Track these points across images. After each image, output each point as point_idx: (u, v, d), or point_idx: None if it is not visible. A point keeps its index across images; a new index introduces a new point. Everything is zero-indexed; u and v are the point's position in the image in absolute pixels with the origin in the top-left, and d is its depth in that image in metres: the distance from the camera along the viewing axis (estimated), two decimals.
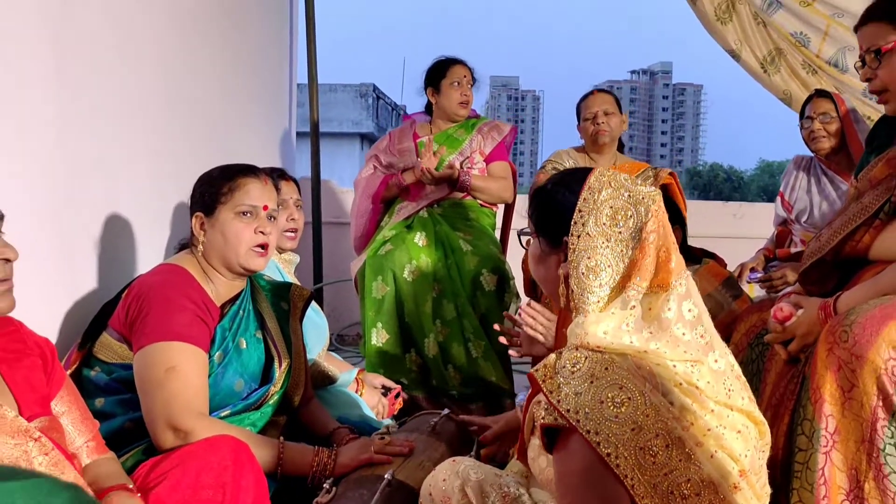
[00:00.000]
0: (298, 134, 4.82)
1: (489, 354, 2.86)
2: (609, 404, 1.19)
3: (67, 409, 1.36)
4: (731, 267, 3.15)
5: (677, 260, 1.33)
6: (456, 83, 3.23)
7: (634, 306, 1.29)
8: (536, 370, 1.27)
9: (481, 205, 3.27)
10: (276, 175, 2.41)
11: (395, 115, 22.81)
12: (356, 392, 2.42)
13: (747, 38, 4.34)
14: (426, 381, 2.92)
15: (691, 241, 3.87)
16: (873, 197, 1.77)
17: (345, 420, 2.10)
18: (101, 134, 2.11)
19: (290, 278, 2.41)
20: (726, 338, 2.00)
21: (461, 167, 3.18)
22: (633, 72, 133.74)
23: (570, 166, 3.29)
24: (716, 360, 1.30)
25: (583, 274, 1.32)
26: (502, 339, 2.02)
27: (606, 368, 1.23)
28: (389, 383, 2.63)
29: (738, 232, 4.45)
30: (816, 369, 1.52)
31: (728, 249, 3.61)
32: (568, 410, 1.20)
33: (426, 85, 3.36)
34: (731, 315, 2.14)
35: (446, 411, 1.94)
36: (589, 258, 1.32)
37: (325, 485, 1.55)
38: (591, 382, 1.21)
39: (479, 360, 2.86)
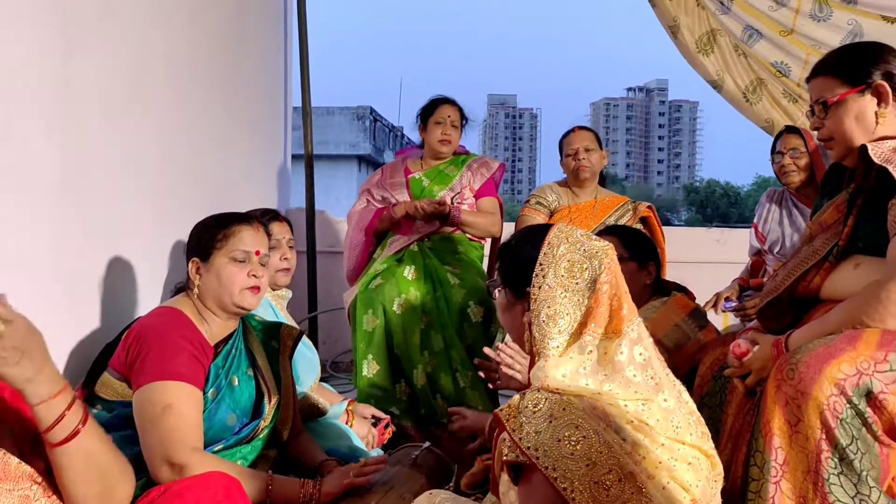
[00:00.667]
0: (295, 156, 4.93)
1: (476, 384, 2.97)
2: (566, 442, 1.31)
3: None
4: (711, 293, 3.28)
5: (629, 307, 1.46)
6: (439, 122, 3.37)
7: (591, 351, 1.42)
8: (501, 410, 1.40)
9: (470, 238, 3.39)
10: (270, 217, 2.54)
11: (392, 137, 23.01)
12: (346, 423, 2.52)
13: (728, 68, 4.47)
14: (415, 410, 3.03)
15: (676, 266, 4.00)
16: (823, 240, 1.90)
17: (334, 451, 2.21)
18: (103, 178, 2.24)
19: (283, 313, 2.53)
20: (693, 368, 2.14)
21: (451, 202, 3.31)
22: (629, 89, 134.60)
23: (553, 200, 3.43)
24: (665, 400, 1.42)
25: (543, 322, 1.44)
26: (482, 374, 2.15)
27: (564, 409, 1.35)
28: (379, 414, 2.73)
29: (721, 257, 4.57)
30: (766, 404, 1.64)
31: (712, 274, 3.74)
32: (528, 448, 1.32)
33: (418, 122, 3.52)
34: (696, 345, 2.27)
35: (427, 444, 2.06)
36: (549, 307, 1.45)
37: None
38: (550, 422, 1.33)
39: (467, 390, 2.98)
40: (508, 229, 3.59)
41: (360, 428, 2.53)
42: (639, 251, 2.47)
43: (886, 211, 1.72)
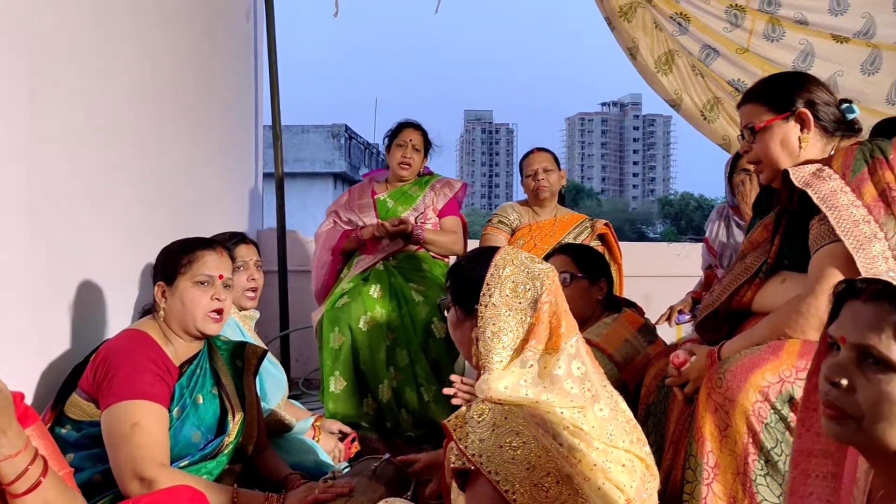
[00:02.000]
0: (268, 175, 4.99)
1: (440, 398, 3.07)
2: (507, 448, 1.42)
3: (37, 444, 1.50)
4: (665, 306, 3.41)
5: (567, 325, 1.58)
6: (400, 145, 3.50)
7: (532, 365, 1.54)
8: (449, 421, 1.51)
9: (433, 256, 3.51)
10: (237, 240, 2.63)
11: (367, 155, 23.11)
12: (313, 438, 2.61)
13: (686, 87, 4.58)
14: (381, 425, 3.13)
15: (639, 281, 4.13)
16: (754, 258, 2.04)
17: (300, 466, 2.30)
18: (70, 203, 2.30)
19: (250, 334, 2.62)
20: (642, 380, 2.25)
21: (415, 222, 3.43)
22: (603, 104, 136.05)
23: (515, 219, 3.55)
24: (600, 409, 1.54)
25: (489, 338, 1.56)
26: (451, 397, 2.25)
27: (506, 417, 1.46)
28: (346, 429, 2.82)
29: (682, 271, 4.69)
30: (699, 411, 1.76)
31: (673, 288, 3.86)
32: (473, 455, 1.43)
33: (384, 143, 3.65)
34: (645, 358, 2.38)
35: (387, 456, 2.15)
36: (494, 325, 1.56)
37: None
38: (493, 430, 1.45)
39: (431, 404, 3.08)
40: (475, 246, 3.71)
41: (326, 443, 2.61)
42: (590, 268, 2.59)
43: (808, 230, 1.86)
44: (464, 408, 1.53)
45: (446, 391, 1.93)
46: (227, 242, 2.32)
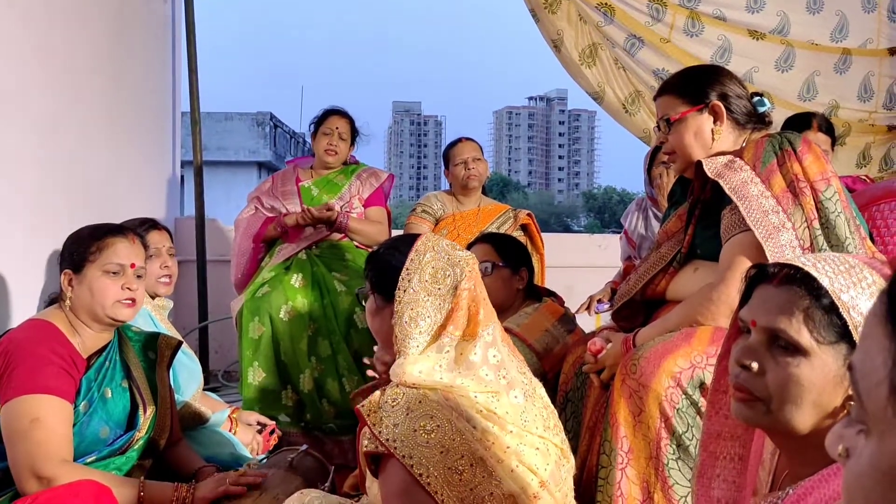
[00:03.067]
0: (187, 163, 4.84)
1: None
2: (421, 432, 1.42)
3: None
4: (587, 296, 3.47)
5: (486, 313, 1.57)
6: (326, 133, 3.44)
7: (448, 351, 1.53)
8: (363, 406, 1.49)
9: (357, 246, 3.46)
10: (148, 226, 2.53)
11: (293, 144, 22.75)
12: (230, 431, 2.54)
13: (609, 80, 4.65)
14: (301, 416, 3.07)
15: (561, 271, 4.18)
16: (668, 247, 2.08)
17: (215, 459, 2.23)
18: None
19: (163, 324, 2.53)
20: (560, 369, 2.28)
21: (340, 210, 3.38)
22: (530, 98, 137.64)
23: (439, 208, 3.55)
24: (515, 396, 1.55)
25: (406, 322, 1.54)
26: (370, 373, 2.22)
27: (420, 402, 1.45)
28: (264, 420, 2.76)
29: (602, 262, 4.80)
30: (613, 397, 1.79)
31: (593, 277, 3.95)
32: (387, 439, 1.42)
33: (311, 130, 3.58)
34: (565, 348, 2.41)
35: (304, 447, 2.11)
36: (412, 309, 1.54)
37: None
38: (407, 414, 1.44)
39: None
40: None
41: (244, 435, 2.55)
42: (512, 257, 2.61)
43: (720, 220, 1.91)
44: (377, 393, 1.51)
45: (366, 360, 1.91)
46: (139, 229, 2.23)
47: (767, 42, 4.15)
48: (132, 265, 1.96)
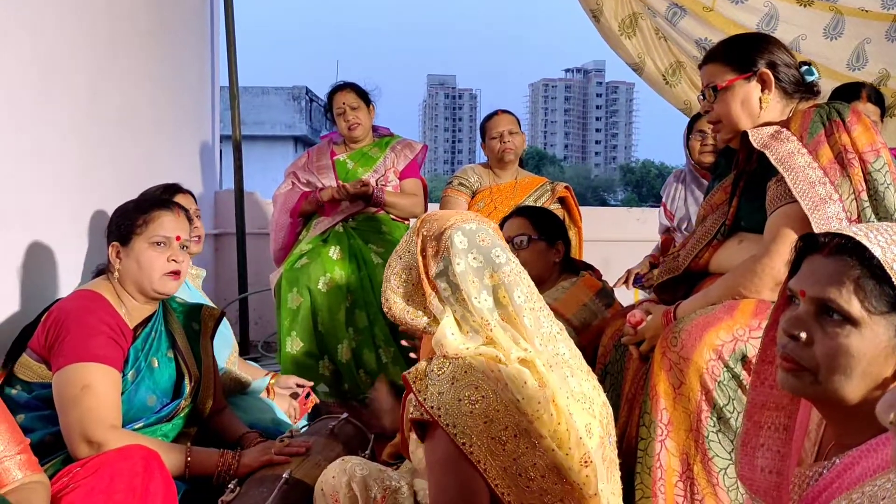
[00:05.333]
0: (226, 137, 4.89)
1: (398, 359, 3.08)
2: (466, 402, 1.43)
3: None
4: (624, 270, 3.44)
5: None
6: (338, 112, 3.44)
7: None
8: (409, 373, 1.51)
9: (394, 219, 3.48)
10: (173, 191, 2.56)
11: (327, 133, 22.85)
12: (269, 398, 2.59)
13: (649, 50, 4.56)
14: (338, 387, 3.12)
15: (599, 245, 4.15)
16: (713, 220, 2.06)
17: (257, 425, 2.28)
18: (20, 156, 2.24)
19: (199, 291, 2.57)
20: (598, 343, 2.27)
21: (375, 184, 3.39)
22: (567, 70, 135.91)
23: (475, 181, 3.54)
24: (559, 365, 1.55)
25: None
26: (405, 343, 2.25)
27: (465, 372, 1.46)
28: (302, 381, 2.76)
29: (640, 236, 4.76)
30: (653, 369, 1.79)
31: (631, 251, 3.92)
32: (432, 407, 1.43)
33: (329, 118, 3.58)
34: (604, 322, 2.39)
35: (345, 415, 2.15)
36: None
37: (229, 485, 1.74)
38: (452, 384, 1.45)
39: (389, 365, 3.08)
40: (435, 209, 3.69)
41: (281, 402, 2.59)
42: (548, 230, 2.59)
43: (765, 192, 1.87)
44: (424, 362, 1.53)
45: (405, 342, 1.93)
46: (164, 194, 2.27)
47: (816, 9, 4.02)
48: (177, 237, 1.99)
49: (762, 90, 1.95)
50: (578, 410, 1.53)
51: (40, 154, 2.38)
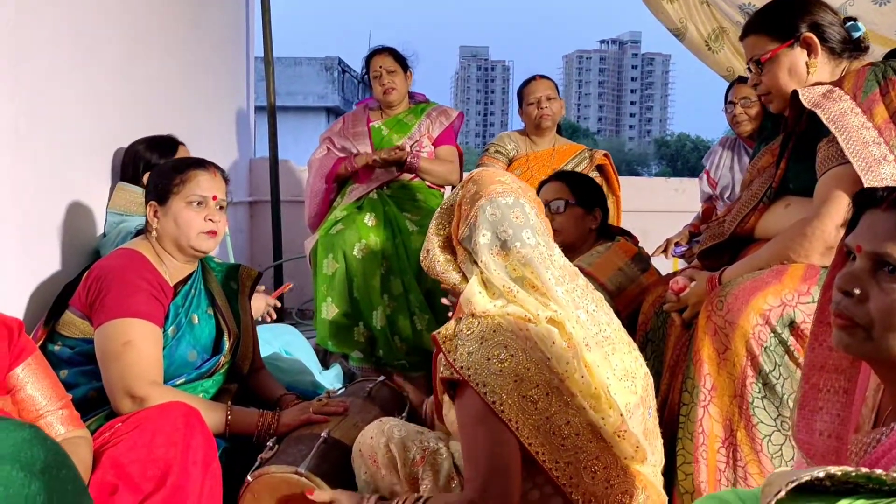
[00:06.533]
0: (260, 108, 4.90)
1: (432, 326, 3.06)
2: (495, 361, 1.41)
3: (35, 378, 1.49)
4: (662, 241, 3.39)
5: None
6: (376, 76, 3.40)
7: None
8: (439, 332, 1.49)
9: (429, 186, 3.45)
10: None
11: (361, 89, 22.76)
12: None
13: (692, 15, 4.43)
14: (373, 353, 3.12)
15: (636, 215, 4.09)
16: (759, 184, 2.00)
17: (294, 387, 2.29)
18: (59, 121, 2.25)
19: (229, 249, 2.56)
20: (637, 308, 2.24)
21: (410, 150, 3.36)
22: (602, 41, 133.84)
23: (512, 149, 3.49)
24: (593, 323, 1.52)
25: None
26: (445, 301, 2.24)
27: (494, 331, 1.45)
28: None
29: (678, 206, 4.68)
30: (697, 334, 1.75)
31: (670, 222, 3.85)
32: (462, 367, 1.42)
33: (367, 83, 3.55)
34: (639, 287, 2.35)
35: (382, 378, 2.15)
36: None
37: (268, 443, 1.75)
38: (481, 343, 1.43)
39: (424, 332, 3.07)
40: None
41: (257, 303, 2.43)
42: (585, 197, 2.54)
43: (816, 153, 1.81)
44: (453, 321, 1.51)
45: (445, 301, 1.92)
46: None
47: None
48: (214, 197, 1.99)
49: (808, 55, 1.89)
50: (621, 390, 1.50)
51: (81, 116, 2.39)
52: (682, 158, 68.71)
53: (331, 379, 2.72)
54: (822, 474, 0.74)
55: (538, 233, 1.54)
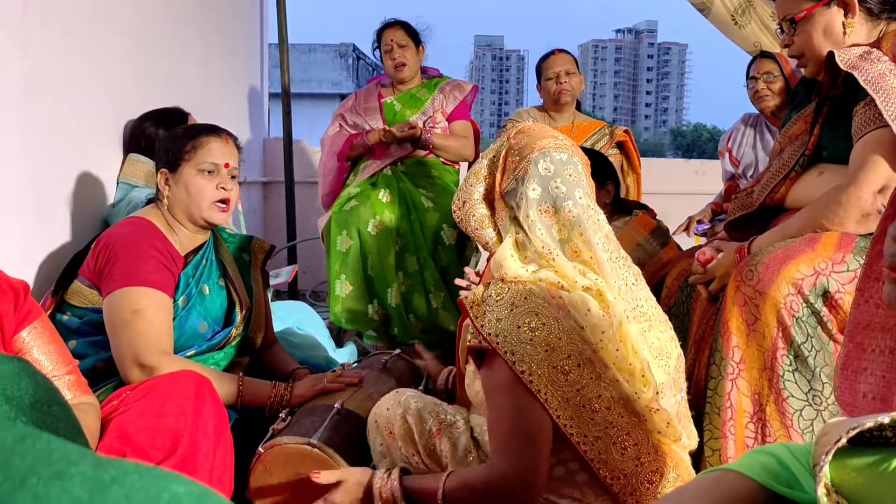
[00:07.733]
0: (273, 95, 4.86)
1: (448, 305, 3.01)
2: (525, 329, 1.34)
3: (42, 342, 1.43)
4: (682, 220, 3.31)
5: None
6: (386, 50, 3.32)
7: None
8: (466, 298, 1.42)
9: (444, 162, 3.38)
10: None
11: (375, 76, 22.75)
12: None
13: None
14: (387, 331, 3.07)
15: (656, 197, 4.01)
16: (791, 152, 1.92)
17: (308, 362, 2.24)
18: (71, 95, 2.21)
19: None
20: (658, 283, 2.17)
21: (423, 126, 3.29)
22: (618, 31, 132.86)
23: (531, 124, 3.41)
24: (631, 284, 1.46)
25: None
26: (462, 293, 2.18)
27: (525, 298, 1.37)
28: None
29: (699, 188, 4.59)
30: (726, 305, 1.67)
31: (690, 204, 3.77)
32: (490, 334, 1.35)
33: (375, 53, 3.48)
34: (658, 262, 2.29)
35: (398, 351, 2.09)
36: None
37: (281, 414, 1.70)
38: (511, 310, 1.36)
39: (439, 310, 3.02)
40: None
41: None
42: (596, 171, 2.47)
43: (851, 118, 1.73)
44: (481, 287, 1.44)
45: (458, 282, 1.85)
46: None
47: None
48: (226, 165, 1.93)
49: (845, 14, 1.80)
50: (655, 368, 1.44)
51: (93, 87, 2.36)
52: (699, 148, 68.23)
53: (345, 357, 2.67)
54: (887, 420, 0.68)
55: (589, 195, 1.47)
